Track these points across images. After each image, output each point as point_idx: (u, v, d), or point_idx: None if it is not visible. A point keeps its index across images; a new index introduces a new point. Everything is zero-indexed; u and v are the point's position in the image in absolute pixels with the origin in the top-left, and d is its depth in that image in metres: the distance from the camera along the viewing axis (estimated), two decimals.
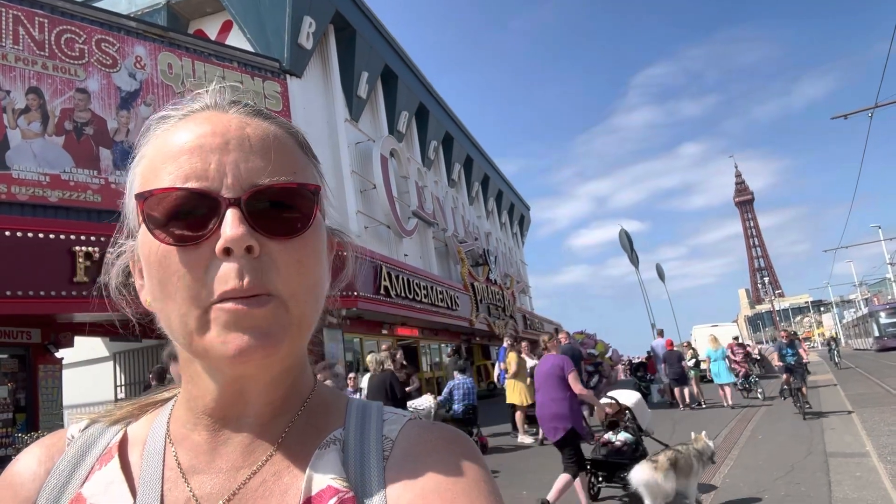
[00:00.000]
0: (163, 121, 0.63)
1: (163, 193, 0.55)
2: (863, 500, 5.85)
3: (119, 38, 11.91)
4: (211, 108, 0.62)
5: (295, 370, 0.64)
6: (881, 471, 6.86)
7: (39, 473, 0.63)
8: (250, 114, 0.62)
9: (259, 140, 0.58)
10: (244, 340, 0.53)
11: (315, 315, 0.60)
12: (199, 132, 0.58)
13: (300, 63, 16.04)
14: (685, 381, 14.79)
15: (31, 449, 0.67)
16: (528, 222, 44.95)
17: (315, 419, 0.64)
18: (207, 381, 0.60)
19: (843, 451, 8.29)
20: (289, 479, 0.59)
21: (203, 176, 0.55)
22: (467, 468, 0.59)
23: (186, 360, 0.61)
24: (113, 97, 11.53)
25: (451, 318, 19.26)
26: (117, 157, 11.25)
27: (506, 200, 37.74)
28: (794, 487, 6.54)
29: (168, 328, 0.58)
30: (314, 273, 0.59)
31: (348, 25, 18.38)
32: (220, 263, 0.54)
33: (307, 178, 0.61)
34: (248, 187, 0.55)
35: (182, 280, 0.54)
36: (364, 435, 0.62)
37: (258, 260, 0.54)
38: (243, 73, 13.99)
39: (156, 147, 0.60)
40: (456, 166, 27.92)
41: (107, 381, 14.87)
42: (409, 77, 22.64)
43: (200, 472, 0.60)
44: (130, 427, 0.68)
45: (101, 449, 0.65)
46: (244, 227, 0.53)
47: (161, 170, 0.57)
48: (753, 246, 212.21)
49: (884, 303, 49.83)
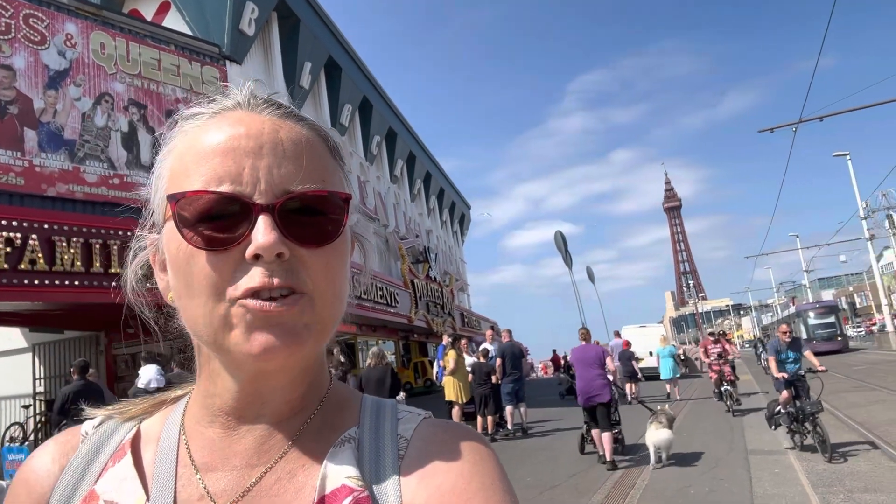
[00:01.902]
0: (192, 117, 0.62)
1: (195, 195, 0.55)
2: (781, 495, 6.19)
3: (49, 14, 11.24)
4: (243, 108, 0.61)
5: (314, 369, 0.64)
6: (798, 468, 7.29)
7: (54, 470, 0.64)
8: (283, 115, 0.62)
9: (292, 144, 0.58)
10: (269, 339, 0.54)
11: (338, 317, 0.61)
12: (233, 133, 0.57)
13: (241, 49, 15.59)
14: (635, 377, 16.50)
15: (45, 446, 0.67)
16: (468, 221, 45.25)
17: (331, 417, 0.65)
18: (226, 379, 0.60)
19: (762, 448, 8.75)
20: (303, 478, 0.59)
21: (237, 180, 0.55)
22: (482, 467, 0.59)
23: (205, 357, 0.61)
24: (40, 76, 10.88)
25: (389, 314, 19.19)
26: (43, 138, 10.63)
27: (447, 198, 37.87)
28: (717, 483, 6.86)
29: (191, 324, 0.58)
30: (341, 276, 0.59)
31: (292, 14, 17.99)
32: (248, 266, 0.54)
33: (336, 184, 0.61)
34: (281, 193, 0.55)
35: (208, 279, 0.54)
36: (379, 434, 0.63)
37: (288, 262, 0.55)
38: (180, 56, 13.47)
39: (186, 144, 0.59)
40: (399, 162, 27.80)
41: (25, 374, 14.13)
42: (354, 70, 22.38)
43: (215, 470, 0.60)
44: (144, 423, 0.68)
45: (115, 445, 0.65)
46: (276, 233, 0.54)
47: (193, 170, 0.57)
48: (680, 250, 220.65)
49: (813, 301, 46.32)
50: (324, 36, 19.92)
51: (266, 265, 0.54)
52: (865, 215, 34.43)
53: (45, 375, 14.24)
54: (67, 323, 12.87)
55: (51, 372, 14.17)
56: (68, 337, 13.92)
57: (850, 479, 6.44)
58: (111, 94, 11.86)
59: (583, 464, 8.44)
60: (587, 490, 6.90)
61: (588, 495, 6.68)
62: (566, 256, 36.94)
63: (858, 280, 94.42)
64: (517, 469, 8.22)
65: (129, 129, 11.97)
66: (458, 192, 42.17)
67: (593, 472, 7.86)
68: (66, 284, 9.36)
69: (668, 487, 6.83)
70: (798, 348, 8.42)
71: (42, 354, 14.37)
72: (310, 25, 18.86)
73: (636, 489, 6.81)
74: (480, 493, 0.56)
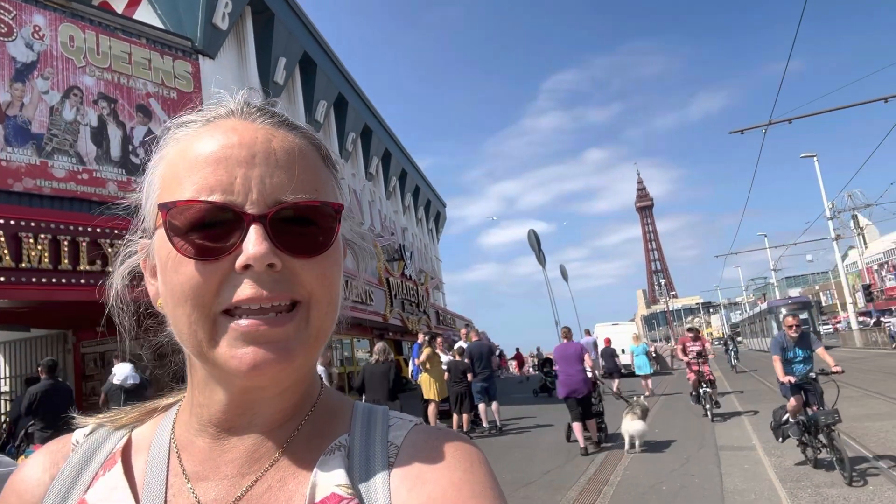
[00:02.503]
0: (185, 124, 0.61)
1: (186, 205, 0.54)
2: (751, 490, 6.32)
3: (16, 6, 10.97)
4: (236, 116, 0.61)
5: (306, 379, 0.64)
6: (766, 464, 7.44)
7: (44, 480, 0.63)
8: (276, 124, 0.61)
9: (285, 154, 0.58)
10: (259, 354, 0.53)
11: (332, 326, 0.60)
12: (225, 142, 0.57)
13: (214, 44, 15.37)
14: (618, 373, 17.30)
15: (36, 455, 0.66)
16: (443, 219, 45.27)
17: (321, 425, 0.64)
18: (215, 390, 0.59)
19: (732, 444, 8.91)
20: (294, 486, 0.59)
21: (228, 189, 0.55)
22: (473, 475, 0.58)
23: (194, 367, 0.61)
24: (7, 68, 10.62)
25: (364, 312, 19.11)
26: (9, 132, 10.38)
27: (423, 196, 37.84)
28: (689, 479, 6.97)
29: (178, 333, 0.58)
30: (333, 286, 0.59)
31: (266, 9, 17.79)
32: (238, 277, 0.54)
33: (328, 194, 0.60)
34: (273, 203, 0.55)
35: (196, 289, 0.54)
36: (369, 441, 0.62)
37: (279, 273, 0.54)
38: (152, 50, 13.24)
39: (178, 152, 0.59)
40: (374, 160, 27.69)
41: None
42: (329, 66, 22.22)
43: (205, 479, 0.60)
44: (135, 432, 0.67)
45: (106, 454, 0.65)
46: (267, 244, 0.53)
47: (185, 178, 0.56)
48: (651, 249, 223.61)
49: (786, 297, 45.77)
50: (299, 31, 19.73)
51: (256, 276, 0.53)
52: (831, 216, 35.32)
53: (10, 374, 13.92)
54: (34, 321, 12.57)
55: (17, 371, 13.85)
56: (35, 335, 13.61)
57: (816, 475, 6.60)
58: (80, 88, 11.62)
59: (558, 460, 8.52)
60: (562, 486, 6.97)
61: (563, 491, 6.74)
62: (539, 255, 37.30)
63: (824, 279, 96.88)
64: (493, 466, 8.23)
65: (98, 124, 11.73)
66: (434, 189, 42.16)
67: (568, 468, 7.94)
68: (34, 281, 9.16)
69: (641, 483, 6.93)
70: (808, 345, 7.11)
71: (7, 353, 14.05)
72: (284, 21, 18.67)
73: (609, 485, 6.90)
74: (471, 501, 0.56)
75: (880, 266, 54.57)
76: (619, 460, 8.17)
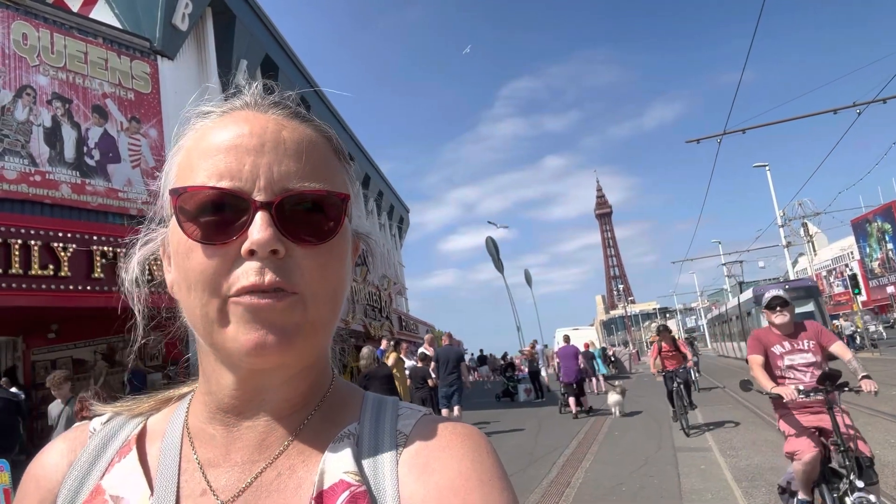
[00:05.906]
0: (203, 116, 0.64)
1: (195, 190, 0.57)
2: (708, 490, 6.50)
3: None
4: (250, 108, 0.63)
5: (315, 368, 0.65)
6: (722, 464, 7.65)
7: (62, 466, 0.65)
8: (289, 116, 0.63)
9: (294, 143, 0.60)
10: (261, 335, 0.55)
11: (333, 317, 0.62)
12: (237, 132, 0.59)
13: (173, 44, 15.08)
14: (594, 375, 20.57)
15: (55, 442, 0.68)
16: (407, 224, 45.19)
17: (331, 414, 0.66)
18: (224, 377, 0.61)
19: (689, 446, 9.14)
20: (303, 473, 0.60)
21: (237, 176, 0.57)
22: (481, 464, 0.60)
23: (204, 355, 0.63)
24: None
25: None
26: None
27: (386, 201, 37.73)
28: (648, 480, 7.13)
29: (190, 318, 0.60)
30: (336, 277, 0.61)
31: (227, 10, 17.53)
32: (244, 262, 0.56)
33: (337, 184, 0.62)
34: (280, 191, 0.57)
35: (205, 273, 0.56)
36: (378, 429, 0.64)
37: (282, 260, 0.56)
38: (109, 49, 12.92)
39: (194, 141, 0.61)
40: None
41: None
42: (291, 69, 22.01)
43: (217, 465, 0.62)
44: (150, 420, 0.69)
45: (122, 442, 0.66)
46: (272, 230, 0.55)
47: (197, 166, 0.58)
48: (610, 255, 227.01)
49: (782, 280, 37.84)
50: (260, 33, 19.51)
51: (260, 262, 0.55)
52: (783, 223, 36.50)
53: None
54: None
55: None
56: None
57: (770, 474, 6.81)
58: (33, 87, 11.25)
59: (521, 464, 8.60)
60: (524, 489, 7.04)
61: (525, 494, 6.81)
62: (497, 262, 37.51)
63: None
64: None
65: (52, 124, 11.37)
66: (397, 194, 42.08)
67: (531, 472, 8.02)
68: None
69: (602, 485, 7.05)
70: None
71: None
72: (245, 22, 18.44)
73: (571, 487, 7.00)
74: (478, 489, 0.57)
75: (829, 272, 56.64)
76: (580, 462, 8.28)
